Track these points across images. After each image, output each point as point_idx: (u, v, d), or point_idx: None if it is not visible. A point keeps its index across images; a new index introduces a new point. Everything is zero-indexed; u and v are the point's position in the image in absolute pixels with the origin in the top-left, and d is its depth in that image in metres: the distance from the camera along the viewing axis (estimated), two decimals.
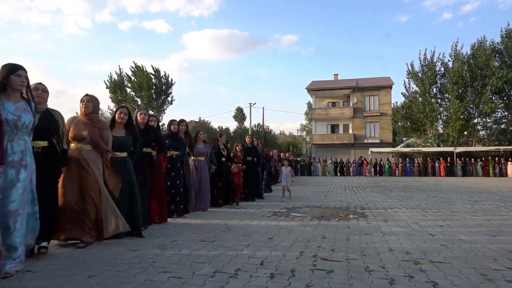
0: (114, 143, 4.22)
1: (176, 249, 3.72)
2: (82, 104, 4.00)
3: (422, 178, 23.66)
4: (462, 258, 3.39)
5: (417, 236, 4.43)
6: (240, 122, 60.78)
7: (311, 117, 42.84)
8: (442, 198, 9.44)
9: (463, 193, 11.31)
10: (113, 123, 4.47)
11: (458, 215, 6.39)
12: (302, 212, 6.72)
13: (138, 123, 4.98)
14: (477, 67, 30.91)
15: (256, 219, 5.85)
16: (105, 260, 3.27)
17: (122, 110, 4.55)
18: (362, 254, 3.54)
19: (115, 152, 4.24)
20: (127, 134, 4.50)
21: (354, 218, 6.04)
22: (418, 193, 11.26)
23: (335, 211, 6.94)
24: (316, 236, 4.44)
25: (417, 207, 7.46)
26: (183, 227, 5.09)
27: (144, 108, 5.15)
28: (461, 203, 8.23)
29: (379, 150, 32.52)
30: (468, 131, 32.90)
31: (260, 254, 3.49)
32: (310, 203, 8.27)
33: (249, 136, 9.42)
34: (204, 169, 6.87)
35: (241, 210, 7.00)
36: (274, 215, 6.30)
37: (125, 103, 40.75)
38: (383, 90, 38.68)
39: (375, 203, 8.37)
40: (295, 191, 11.98)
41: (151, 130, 5.08)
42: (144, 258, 3.34)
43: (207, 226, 5.17)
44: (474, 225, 5.23)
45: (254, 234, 4.55)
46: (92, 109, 4.02)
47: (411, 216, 6.23)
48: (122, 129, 4.49)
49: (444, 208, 7.39)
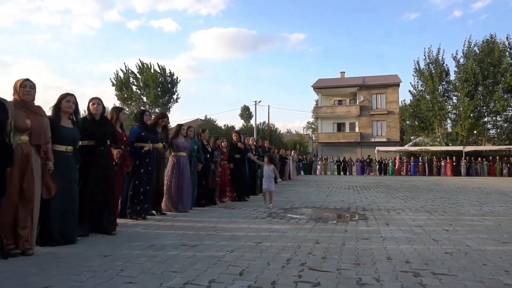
0: (61, 136, 3.81)
1: (152, 254, 3.39)
2: (25, 90, 3.47)
3: (428, 178, 23.09)
4: (469, 269, 3.01)
5: (419, 242, 4.04)
6: (246, 121, 60.49)
7: (317, 115, 42.34)
8: (449, 199, 9.00)
9: (471, 193, 10.84)
10: (57, 112, 3.91)
11: (465, 217, 5.97)
12: (299, 214, 6.35)
13: (92, 113, 4.51)
14: (490, 64, 30.16)
15: (249, 221, 5.50)
16: (70, 267, 2.95)
17: (70, 98, 3.93)
18: (356, 263, 3.17)
19: (62, 146, 3.84)
20: (74, 125, 4.04)
21: (353, 220, 5.67)
22: (424, 193, 10.82)
23: (335, 213, 6.57)
24: (309, 241, 4.08)
25: (422, 209, 7.05)
26: (168, 229, 4.77)
27: (96, 97, 4.47)
28: (469, 205, 7.79)
29: (386, 149, 31.95)
30: (477, 130, 32.16)
31: (242, 262, 3.14)
32: (310, 203, 7.90)
33: (235, 133, 9.10)
34: (186, 165, 6.51)
35: (235, 211, 6.65)
36: (269, 217, 5.94)
37: (131, 101, 40.82)
38: (390, 88, 38.05)
39: (378, 204, 7.97)
40: (297, 190, 11.62)
41: (107, 122, 4.71)
42: (113, 265, 3.01)
43: (194, 228, 4.84)
44: (483, 230, 4.82)
45: (242, 238, 4.20)
46: (33, 98, 3.56)
47: (415, 218, 5.83)
48: (68, 120, 4.00)
49: (451, 210, 6.97)
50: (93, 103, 4.55)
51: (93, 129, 4.43)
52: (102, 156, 4.52)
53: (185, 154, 6.58)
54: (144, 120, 5.70)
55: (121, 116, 5.20)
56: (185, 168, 6.52)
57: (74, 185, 3.98)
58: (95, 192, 4.37)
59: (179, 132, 6.59)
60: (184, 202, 6.39)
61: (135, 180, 5.34)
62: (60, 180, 3.72)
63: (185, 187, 6.44)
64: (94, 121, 4.50)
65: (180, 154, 6.50)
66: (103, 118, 4.65)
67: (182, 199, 6.37)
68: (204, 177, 7.15)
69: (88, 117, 4.55)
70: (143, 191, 5.38)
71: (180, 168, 6.43)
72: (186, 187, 6.46)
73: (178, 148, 6.49)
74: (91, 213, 4.36)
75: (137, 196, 5.33)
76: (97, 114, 4.55)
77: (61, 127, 3.85)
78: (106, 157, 4.59)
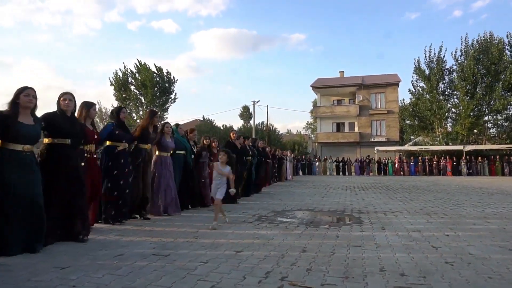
0: (17, 133, 3.45)
1: (116, 265, 3.01)
2: None
3: (428, 178, 22.69)
4: (472, 284, 2.63)
5: (417, 250, 3.66)
6: (246, 121, 60.04)
7: (316, 115, 41.96)
8: (450, 200, 8.61)
9: (473, 194, 10.46)
10: (15, 107, 3.54)
11: (467, 220, 5.59)
12: (290, 217, 5.97)
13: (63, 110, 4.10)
14: (490, 61, 29.77)
15: (235, 226, 5.12)
16: (14, 282, 2.58)
17: (30, 91, 3.60)
18: (344, 276, 2.79)
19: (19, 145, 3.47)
20: (36, 122, 3.69)
21: (347, 224, 5.29)
22: (424, 194, 10.43)
23: (328, 215, 6.19)
24: (295, 248, 3.70)
25: (421, 211, 6.67)
26: (145, 235, 4.39)
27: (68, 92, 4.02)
28: (471, 206, 7.41)
29: (385, 148, 31.56)
30: (478, 129, 31.77)
31: (215, 276, 2.76)
32: (304, 205, 7.52)
33: (234, 132, 8.76)
34: (171, 166, 6.14)
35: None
36: (258, 220, 5.56)
37: (129, 101, 40.41)
38: (390, 87, 37.65)
39: (375, 205, 7.59)
40: (292, 192, 11.23)
41: (76, 119, 4.33)
42: (65, 280, 2.63)
43: (173, 234, 4.45)
44: (486, 235, 4.44)
45: (223, 246, 3.83)
46: None
47: (413, 222, 5.45)
48: (28, 116, 3.64)
49: (452, 212, 6.59)
50: (65, 99, 4.16)
51: (65, 126, 4.06)
52: (73, 156, 4.15)
53: (169, 154, 6.22)
54: (121, 118, 5.32)
55: (92, 113, 4.81)
56: (172, 169, 6.16)
57: (36, 188, 3.60)
58: (65, 196, 3.99)
59: (164, 130, 6.22)
60: (171, 206, 6.01)
61: (108, 183, 4.93)
62: (16, 183, 3.35)
63: (173, 190, 6.07)
64: (65, 118, 4.12)
65: (166, 155, 6.15)
66: (73, 116, 4.29)
67: (168, 202, 5.98)
68: (191, 178, 6.77)
69: (58, 112, 4.17)
70: (119, 194, 4.97)
71: (168, 169, 6.07)
72: (173, 189, 6.09)
73: (166, 148, 6.13)
74: (61, 218, 3.98)
75: (111, 199, 4.94)
76: (68, 111, 4.18)
77: (18, 123, 3.48)
78: (77, 157, 4.24)
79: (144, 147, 5.65)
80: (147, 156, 5.77)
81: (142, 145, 5.62)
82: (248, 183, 9.36)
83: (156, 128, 5.91)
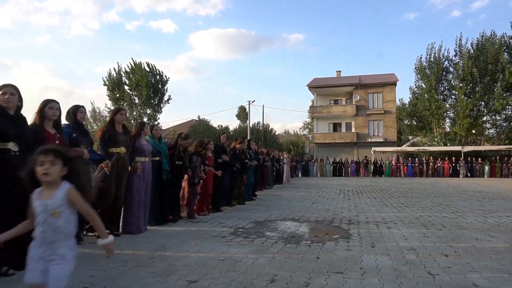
0: None
1: None
2: None
3: (426, 180, 22.08)
4: None
5: (410, 278, 3.03)
6: (243, 121, 59.35)
7: (313, 115, 41.31)
8: (448, 207, 7.99)
9: (473, 199, 9.84)
10: None
11: (468, 234, 4.97)
12: (270, 229, 5.33)
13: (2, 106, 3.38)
14: (487, 62, 29.20)
15: (204, 242, 4.47)
16: None
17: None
18: None
19: None
20: None
21: (333, 239, 4.65)
22: (421, 199, 9.81)
23: (313, 227, 5.56)
24: (264, 276, 3.06)
25: (417, 221, 6.05)
26: (89, 259, 3.73)
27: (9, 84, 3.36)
28: (472, 215, 6.79)
29: (382, 149, 30.94)
30: (476, 130, 31.20)
31: None
32: (289, 214, 6.89)
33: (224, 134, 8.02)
34: (149, 174, 5.35)
35: (196, 226, 5.64)
36: (233, 234, 4.92)
37: (123, 102, 39.68)
38: (387, 87, 37.01)
39: (367, 213, 6.96)
40: (282, 197, 10.58)
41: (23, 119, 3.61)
42: None
43: (124, 257, 3.81)
44: (492, 256, 3.79)
45: (177, 272, 3.19)
46: None
47: (408, 236, 4.83)
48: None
49: (451, 222, 5.96)
50: (4, 93, 3.39)
51: (4, 126, 3.37)
52: (18, 165, 3.46)
53: (147, 159, 5.34)
54: (78, 119, 4.63)
55: (48, 112, 4.11)
56: (149, 177, 5.33)
57: None
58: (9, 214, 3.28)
59: (142, 131, 5.39)
60: (144, 220, 5.22)
61: None
62: None
63: (147, 201, 5.28)
64: (6, 117, 3.42)
65: (142, 160, 5.22)
66: (18, 114, 3.59)
67: (141, 217, 5.13)
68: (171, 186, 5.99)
69: None
70: None
71: (145, 177, 5.22)
72: (148, 201, 5.31)
73: (142, 151, 5.22)
74: None
75: None
76: (10, 107, 3.45)
77: None
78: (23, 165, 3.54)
79: (116, 150, 4.82)
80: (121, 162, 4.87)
81: (112, 148, 4.83)
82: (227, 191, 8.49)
83: (125, 128, 5.12)
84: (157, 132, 5.97)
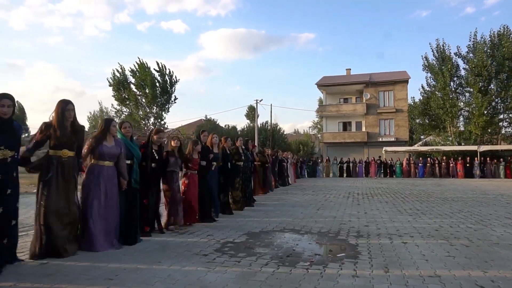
0: None
1: None
2: None
3: (440, 181, 20.97)
4: None
5: None
6: (252, 121, 58.49)
7: (322, 114, 40.30)
8: (471, 214, 7.10)
9: (496, 204, 8.91)
10: None
11: (502, 252, 4.12)
12: (264, 244, 4.54)
13: None
14: (503, 57, 27.88)
15: (180, 262, 3.70)
16: None
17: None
18: None
19: None
20: None
21: (337, 260, 3.84)
22: (438, 204, 8.90)
23: (315, 242, 4.75)
24: None
25: (437, 233, 5.20)
26: (33, 281, 3.00)
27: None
28: (499, 224, 5.92)
29: (394, 149, 29.82)
30: (492, 128, 29.87)
31: None
32: (290, 223, 6.09)
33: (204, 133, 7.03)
34: (114, 181, 4.51)
35: (176, 241, 4.88)
36: (218, 251, 4.15)
37: (129, 101, 39.20)
38: (398, 85, 35.88)
39: (378, 223, 6.13)
40: (285, 201, 9.76)
41: None
42: None
43: (78, 281, 3.06)
44: None
45: None
46: None
47: (428, 254, 4.00)
48: None
49: (478, 234, 5.11)
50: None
51: None
52: None
53: (112, 164, 4.53)
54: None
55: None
56: (114, 185, 4.50)
57: None
58: None
59: (108, 131, 4.52)
60: (110, 237, 4.36)
61: None
62: None
63: (113, 214, 4.43)
64: None
65: (104, 164, 4.43)
66: None
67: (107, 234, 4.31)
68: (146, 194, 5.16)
69: None
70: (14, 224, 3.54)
71: (104, 185, 4.38)
72: (114, 214, 4.46)
73: (102, 155, 4.41)
74: None
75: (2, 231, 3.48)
76: None
77: None
78: None
79: (57, 153, 3.97)
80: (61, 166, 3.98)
81: (53, 150, 3.97)
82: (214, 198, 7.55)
83: (75, 124, 4.15)
84: (127, 130, 4.97)
